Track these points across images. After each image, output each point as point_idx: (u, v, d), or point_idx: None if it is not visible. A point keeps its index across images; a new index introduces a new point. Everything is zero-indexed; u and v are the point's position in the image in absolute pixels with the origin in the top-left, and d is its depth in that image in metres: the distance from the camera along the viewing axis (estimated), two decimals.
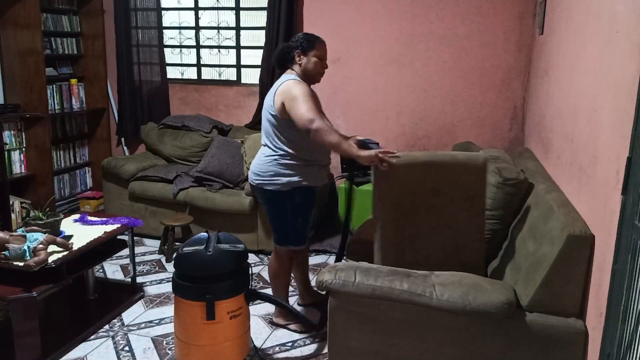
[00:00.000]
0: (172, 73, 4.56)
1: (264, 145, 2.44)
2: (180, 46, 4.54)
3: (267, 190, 2.41)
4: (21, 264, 2.21)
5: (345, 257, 2.56)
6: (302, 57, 2.39)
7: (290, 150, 2.36)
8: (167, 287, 3.08)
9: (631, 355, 1.34)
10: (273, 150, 2.39)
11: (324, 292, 1.96)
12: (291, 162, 2.36)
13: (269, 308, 2.85)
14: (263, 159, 2.42)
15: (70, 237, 2.56)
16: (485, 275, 2.19)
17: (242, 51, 4.38)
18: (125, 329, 2.63)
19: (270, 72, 4.06)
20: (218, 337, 2.10)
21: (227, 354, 2.14)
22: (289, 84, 2.31)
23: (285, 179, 2.36)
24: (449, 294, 1.80)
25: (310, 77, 2.41)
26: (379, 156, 2.03)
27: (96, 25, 4.47)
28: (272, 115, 2.36)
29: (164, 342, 2.51)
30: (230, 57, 4.44)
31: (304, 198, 2.42)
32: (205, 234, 2.19)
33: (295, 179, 2.36)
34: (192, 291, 2.06)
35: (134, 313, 2.78)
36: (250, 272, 2.21)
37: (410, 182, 2.07)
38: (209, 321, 2.05)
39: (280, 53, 2.46)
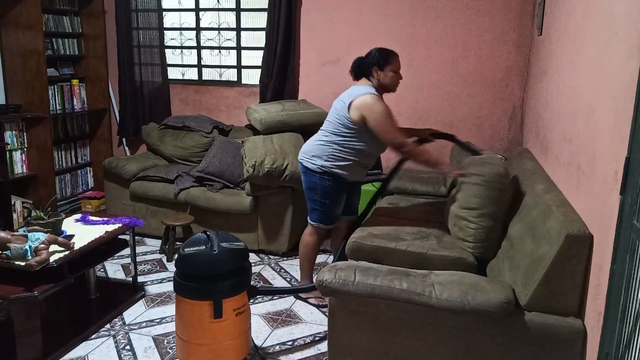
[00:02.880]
0: (173, 74, 4.58)
1: (322, 134, 2.71)
2: (181, 47, 4.56)
3: (303, 166, 2.74)
4: (23, 263, 2.21)
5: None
6: (379, 72, 2.61)
7: (346, 143, 2.62)
8: (168, 287, 3.09)
9: (630, 354, 1.35)
10: (327, 137, 2.66)
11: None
12: (335, 152, 2.64)
13: (269, 307, 2.86)
14: (313, 142, 2.74)
15: (71, 236, 2.57)
16: (484, 275, 2.20)
17: (243, 52, 4.39)
18: (126, 328, 2.64)
19: (271, 72, 4.07)
20: (223, 335, 2.12)
21: (230, 352, 2.15)
22: (368, 101, 2.52)
23: (320, 162, 2.67)
24: (448, 293, 1.81)
25: (386, 89, 2.67)
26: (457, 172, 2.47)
27: (97, 26, 4.49)
28: (347, 118, 2.57)
29: (165, 341, 2.52)
30: (230, 57, 4.45)
31: (334, 184, 2.69)
32: (202, 234, 2.20)
33: (328, 165, 2.66)
34: (198, 291, 2.08)
35: (135, 312, 2.79)
36: (250, 270, 2.24)
37: None
38: (216, 319, 2.07)
39: (357, 67, 2.68)
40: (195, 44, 4.50)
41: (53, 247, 2.37)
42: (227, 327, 2.12)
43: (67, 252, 2.39)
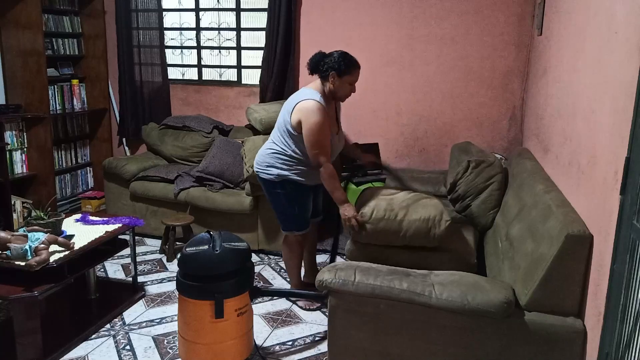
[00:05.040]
0: (173, 74, 4.57)
1: (271, 141, 2.66)
2: (181, 47, 4.56)
3: (261, 179, 2.67)
4: (23, 263, 2.21)
5: (345, 257, 2.58)
6: (336, 78, 2.47)
7: (291, 151, 2.57)
8: (168, 287, 3.09)
9: (630, 354, 1.35)
10: (276, 145, 2.61)
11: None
12: (287, 159, 2.58)
13: (269, 307, 2.86)
14: (264, 151, 2.66)
15: (71, 236, 2.57)
16: (483, 275, 2.20)
17: (243, 52, 4.39)
18: (126, 328, 2.64)
19: (271, 72, 4.07)
20: (224, 335, 2.12)
21: (232, 352, 2.16)
22: (310, 108, 2.42)
23: (276, 171, 2.59)
24: (448, 293, 1.81)
25: (336, 97, 2.56)
26: (352, 220, 2.36)
27: (97, 26, 4.49)
28: (287, 122, 2.52)
29: (165, 341, 2.52)
30: (230, 57, 4.45)
31: (296, 190, 2.62)
32: (205, 234, 2.20)
33: (285, 172, 2.58)
34: (199, 290, 2.08)
35: (135, 312, 2.79)
36: (253, 270, 2.24)
37: None
38: (217, 319, 2.07)
39: (316, 64, 2.52)
40: (195, 44, 4.49)
41: (53, 247, 2.37)
42: (229, 327, 2.12)
43: (67, 252, 2.39)
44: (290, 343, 2.52)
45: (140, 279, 3.15)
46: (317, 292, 2.66)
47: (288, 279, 3.25)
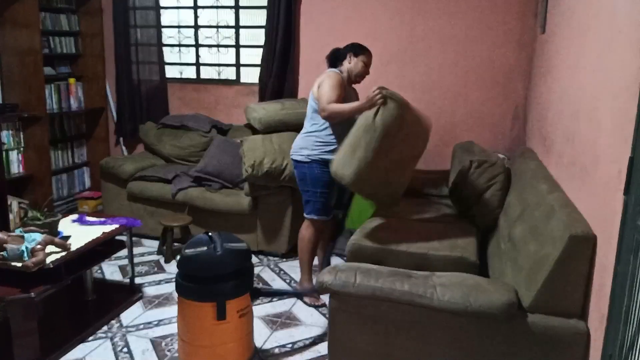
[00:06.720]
0: (171, 72, 4.55)
1: (304, 128, 2.87)
2: (179, 45, 4.53)
3: (294, 161, 2.84)
4: (19, 264, 2.20)
5: (345, 258, 2.57)
6: (352, 57, 2.79)
7: (323, 127, 2.74)
8: (166, 288, 3.07)
9: (633, 356, 1.34)
10: (306, 128, 2.82)
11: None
12: (319, 140, 2.76)
13: (269, 309, 2.84)
14: (299, 136, 2.87)
15: (68, 237, 2.55)
16: (486, 276, 2.19)
17: (242, 50, 4.37)
18: (123, 330, 2.62)
19: (270, 71, 4.05)
20: (226, 337, 2.11)
21: (234, 354, 2.15)
22: (328, 73, 2.74)
23: (306, 152, 2.77)
24: (450, 294, 1.79)
25: (352, 76, 2.82)
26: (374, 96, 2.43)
27: (95, 24, 4.46)
28: (313, 98, 2.75)
29: (163, 343, 2.50)
30: (229, 56, 4.42)
31: (322, 170, 2.74)
32: (204, 235, 2.18)
33: (315, 152, 2.75)
34: (201, 292, 2.07)
35: (133, 314, 2.77)
36: (253, 271, 2.23)
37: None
38: (219, 321, 2.05)
39: (333, 55, 2.88)
40: (193, 42, 4.47)
41: (50, 248, 2.35)
42: (231, 329, 2.11)
43: (64, 253, 2.37)
44: (290, 345, 2.50)
45: (137, 280, 3.13)
46: (310, 289, 2.80)
47: (287, 283, 3.23)
